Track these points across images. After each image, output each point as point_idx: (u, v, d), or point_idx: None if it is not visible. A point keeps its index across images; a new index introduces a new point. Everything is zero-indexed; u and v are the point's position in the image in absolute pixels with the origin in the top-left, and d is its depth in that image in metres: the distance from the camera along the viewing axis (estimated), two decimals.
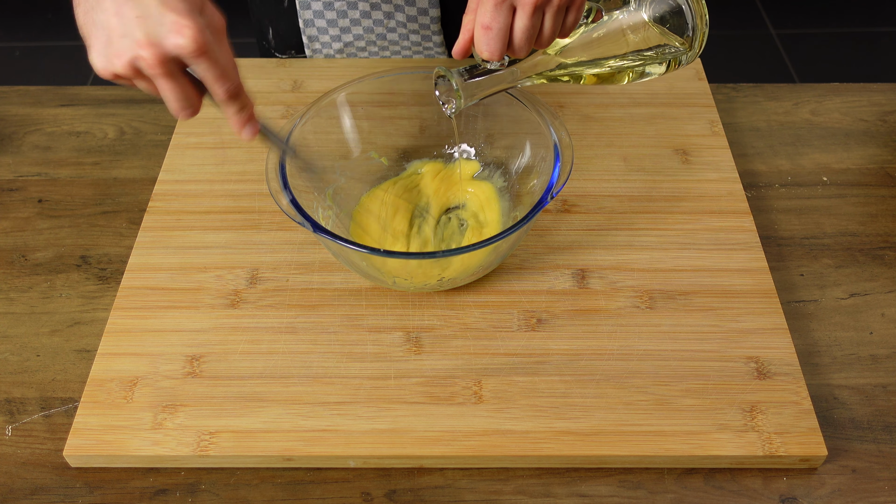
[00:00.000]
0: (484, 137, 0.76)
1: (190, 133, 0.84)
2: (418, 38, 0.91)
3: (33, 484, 0.60)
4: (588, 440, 0.60)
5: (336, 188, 0.73)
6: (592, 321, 0.67)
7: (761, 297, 0.69)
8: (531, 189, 0.70)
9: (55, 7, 2.35)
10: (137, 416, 0.62)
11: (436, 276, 0.66)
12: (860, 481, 0.60)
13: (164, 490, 0.60)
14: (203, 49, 0.50)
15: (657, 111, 0.86)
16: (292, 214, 0.61)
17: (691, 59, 0.63)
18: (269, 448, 0.60)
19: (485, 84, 0.61)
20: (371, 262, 0.64)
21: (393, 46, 0.92)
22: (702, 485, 0.60)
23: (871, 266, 0.74)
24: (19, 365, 0.67)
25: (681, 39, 0.62)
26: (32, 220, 0.78)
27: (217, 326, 0.67)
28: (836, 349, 0.68)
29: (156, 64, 0.50)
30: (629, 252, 0.73)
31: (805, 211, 0.79)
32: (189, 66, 0.52)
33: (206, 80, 0.53)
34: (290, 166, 0.64)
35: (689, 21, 0.61)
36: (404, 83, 0.74)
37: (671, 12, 0.62)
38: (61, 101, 0.91)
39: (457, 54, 0.61)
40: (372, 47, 0.93)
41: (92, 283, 0.73)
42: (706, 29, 0.62)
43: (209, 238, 0.74)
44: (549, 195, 0.62)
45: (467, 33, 0.59)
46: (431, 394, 0.63)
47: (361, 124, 0.75)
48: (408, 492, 0.60)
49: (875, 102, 0.91)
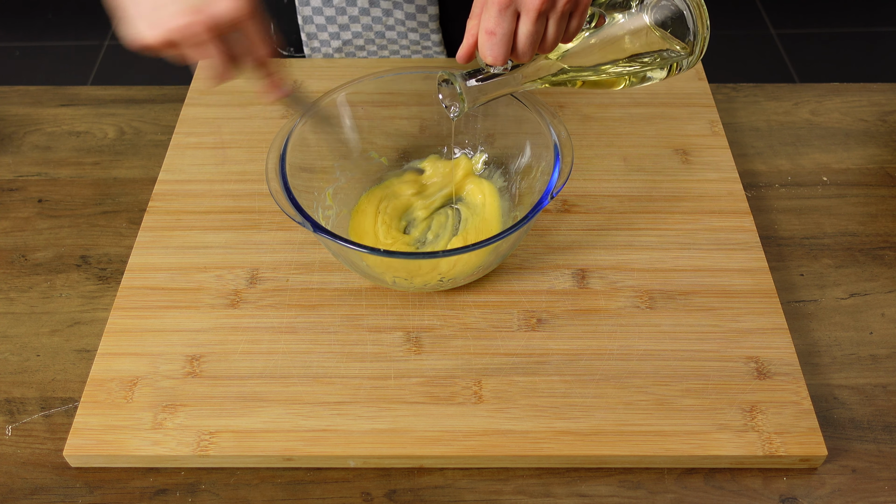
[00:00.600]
0: (484, 137, 0.76)
1: (190, 133, 0.84)
2: (417, 36, 0.91)
3: (33, 484, 0.60)
4: (588, 440, 0.60)
5: (336, 188, 0.73)
6: (592, 321, 0.67)
7: (761, 297, 0.69)
8: (531, 189, 0.70)
9: (55, 7, 2.35)
10: (137, 416, 0.62)
11: (436, 277, 0.66)
12: (860, 481, 0.60)
13: (164, 490, 0.60)
14: (250, 13, 0.54)
15: (657, 111, 0.86)
16: (292, 214, 0.61)
17: (692, 63, 0.63)
18: (269, 448, 0.60)
19: (488, 88, 0.61)
20: (370, 261, 0.64)
21: (391, 45, 0.92)
22: (702, 485, 0.60)
23: (871, 266, 0.74)
24: (19, 365, 0.67)
25: (682, 44, 0.62)
26: (32, 220, 0.78)
27: (217, 326, 0.67)
28: (835, 349, 0.68)
29: (207, 29, 0.53)
30: (629, 252, 0.73)
31: (805, 211, 0.79)
32: (233, 30, 0.55)
33: (247, 43, 0.57)
34: (316, 131, 0.67)
35: (690, 26, 0.61)
36: (403, 83, 0.74)
37: (672, 17, 0.62)
38: (61, 101, 0.91)
39: (461, 59, 0.61)
40: (371, 46, 0.93)
41: (92, 283, 0.73)
42: (707, 33, 0.62)
43: (209, 238, 0.74)
44: (549, 195, 0.62)
45: (471, 38, 0.59)
46: (431, 394, 0.63)
47: (361, 124, 0.75)
48: (408, 492, 0.60)
49: (875, 102, 0.91)
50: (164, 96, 0.92)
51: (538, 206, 0.62)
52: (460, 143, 0.77)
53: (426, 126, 0.78)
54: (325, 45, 0.93)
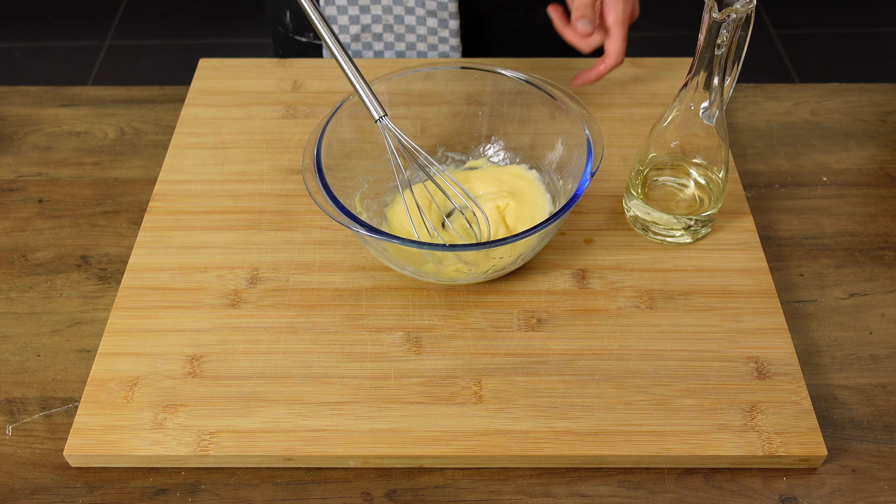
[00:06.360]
0: (514, 143, 0.77)
1: (190, 133, 0.84)
2: (435, 22, 0.91)
3: (33, 484, 0.60)
4: (588, 440, 0.60)
5: (362, 193, 0.73)
6: (592, 321, 0.67)
7: (761, 297, 0.69)
8: (568, 173, 0.71)
9: (55, 7, 2.35)
10: (137, 416, 0.62)
11: (489, 265, 0.66)
12: (860, 481, 0.60)
13: (165, 490, 0.60)
14: None
15: (657, 111, 0.86)
16: (345, 222, 0.62)
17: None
18: (269, 448, 0.60)
19: None
20: (417, 257, 0.64)
21: (409, 35, 0.93)
22: (702, 485, 0.60)
23: (870, 266, 0.74)
24: (20, 365, 0.67)
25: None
26: (33, 220, 0.79)
27: (217, 326, 0.67)
28: (835, 349, 0.68)
29: None
30: (629, 252, 0.73)
31: (805, 211, 0.79)
32: None
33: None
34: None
35: None
36: (405, 83, 0.74)
37: None
38: (62, 102, 0.91)
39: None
40: (388, 35, 0.93)
41: (92, 283, 0.73)
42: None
43: (209, 238, 0.74)
44: (590, 173, 0.65)
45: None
46: (431, 394, 0.63)
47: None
48: (408, 492, 0.60)
49: (875, 102, 0.91)
50: (165, 96, 0.92)
51: (582, 185, 0.64)
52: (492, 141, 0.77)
53: (426, 126, 0.78)
54: (343, 31, 0.93)
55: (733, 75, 0.66)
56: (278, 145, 0.82)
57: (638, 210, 0.73)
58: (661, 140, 0.70)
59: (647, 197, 0.72)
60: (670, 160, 0.71)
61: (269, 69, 0.91)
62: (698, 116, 0.66)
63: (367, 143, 0.74)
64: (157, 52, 2.24)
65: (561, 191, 0.72)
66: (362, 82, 0.67)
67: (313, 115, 0.85)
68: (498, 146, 0.78)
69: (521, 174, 0.76)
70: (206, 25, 2.33)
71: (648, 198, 0.72)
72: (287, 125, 0.84)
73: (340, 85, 0.89)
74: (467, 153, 0.79)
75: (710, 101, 0.65)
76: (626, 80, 0.89)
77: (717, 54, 0.62)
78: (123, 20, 2.32)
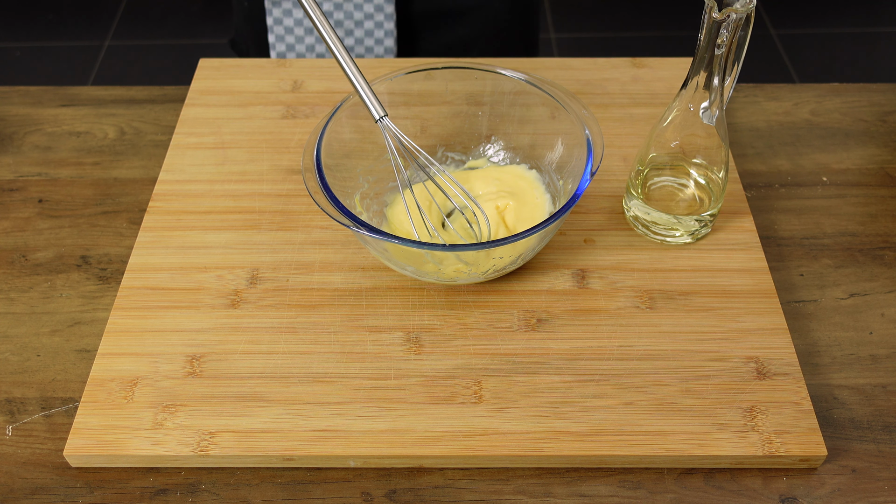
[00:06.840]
0: (514, 142, 0.76)
1: (190, 133, 0.84)
2: (371, 7, 0.92)
3: (33, 484, 0.60)
4: (588, 440, 0.60)
5: (362, 193, 0.73)
6: (592, 321, 0.67)
7: (761, 297, 0.69)
8: (568, 173, 0.71)
9: (55, 7, 2.35)
10: (137, 416, 0.62)
11: (489, 265, 0.66)
12: (860, 481, 0.60)
13: (165, 490, 0.60)
14: None
15: (657, 111, 0.86)
16: (345, 222, 0.62)
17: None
18: (269, 448, 0.60)
19: None
20: (417, 257, 0.64)
21: (347, 21, 0.94)
22: (702, 485, 0.60)
23: (870, 266, 0.74)
24: (19, 365, 0.67)
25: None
26: (33, 220, 0.79)
27: (217, 326, 0.67)
28: (835, 349, 0.68)
29: None
30: (629, 252, 0.73)
31: (805, 211, 0.79)
32: None
33: None
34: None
35: None
36: (405, 83, 0.74)
37: None
38: (62, 101, 0.91)
39: None
40: None
41: (92, 283, 0.73)
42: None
43: (209, 238, 0.74)
44: (590, 173, 0.65)
45: None
46: (431, 394, 0.63)
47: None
48: (408, 492, 0.60)
49: (875, 102, 0.91)
50: (165, 96, 0.92)
51: (582, 185, 0.64)
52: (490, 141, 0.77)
53: (426, 126, 0.78)
54: (287, 15, 0.94)
55: (733, 75, 0.66)
56: (278, 145, 0.82)
57: (638, 210, 0.73)
58: (661, 140, 0.70)
59: (647, 197, 0.72)
60: (670, 160, 0.71)
61: (269, 69, 0.91)
62: (698, 116, 0.66)
63: (367, 143, 0.74)
64: (157, 52, 2.24)
65: (561, 191, 0.72)
66: (362, 82, 0.67)
67: (313, 115, 0.85)
68: (498, 146, 0.78)
69: (521, 174, 0.76)
70: (206, 25, 2.33)
71: (648, 198, 0.72)
72: (287, 125, 0.85)
73: (340, 85, 0.89)
74: (467, 153, 0.79)
75: (710, 101, 0.65)
76: (626, 80, 0.89)
77: (717, 54, 0.62)
78: (123, 20, 2.32)
